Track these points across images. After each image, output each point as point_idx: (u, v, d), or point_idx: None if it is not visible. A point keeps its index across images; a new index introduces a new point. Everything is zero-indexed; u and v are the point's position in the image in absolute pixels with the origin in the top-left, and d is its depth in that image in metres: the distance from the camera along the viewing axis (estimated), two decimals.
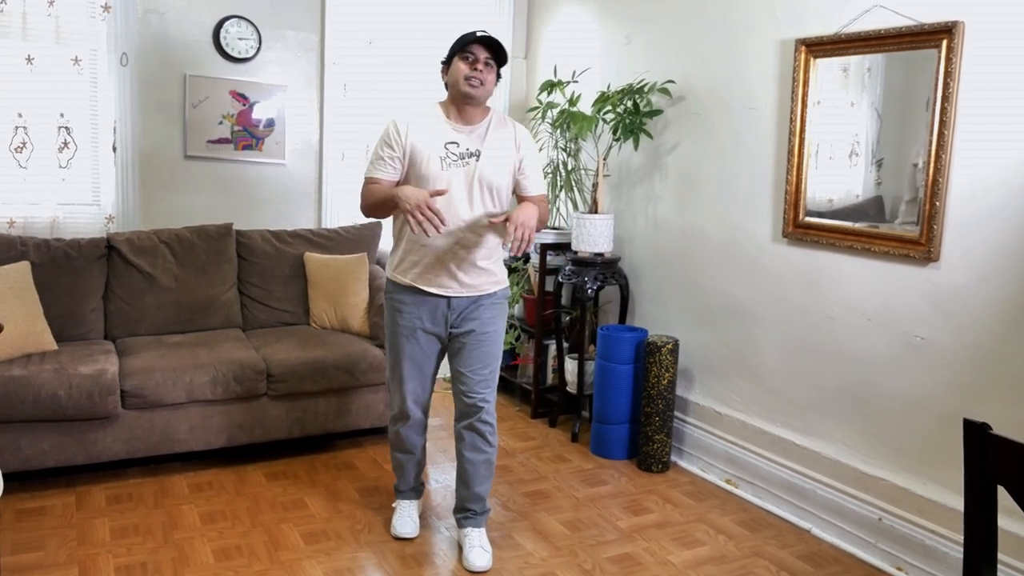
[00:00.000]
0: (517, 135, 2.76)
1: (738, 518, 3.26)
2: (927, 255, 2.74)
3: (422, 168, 2.64)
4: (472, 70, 2.61)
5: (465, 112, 2.69)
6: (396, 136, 2.67)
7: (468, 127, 2.70)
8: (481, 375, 2.78)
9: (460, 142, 2.67)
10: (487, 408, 2.80)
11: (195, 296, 3.83)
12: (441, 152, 2.65)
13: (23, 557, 2.72)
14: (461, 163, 2.66)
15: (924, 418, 2.81)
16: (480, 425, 2.81)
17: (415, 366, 2.81)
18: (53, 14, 3.71)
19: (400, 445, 2.97)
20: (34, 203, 3.80)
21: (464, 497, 2.90)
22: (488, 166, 2.68)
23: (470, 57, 2.62)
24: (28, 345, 3.31)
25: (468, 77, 2.61)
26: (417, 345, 2.78)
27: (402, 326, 2.77)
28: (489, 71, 2.64)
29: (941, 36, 2.65)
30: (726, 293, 3.58)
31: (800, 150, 3.18)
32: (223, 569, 2.71)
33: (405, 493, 3.06)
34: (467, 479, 2.86)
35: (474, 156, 2.67)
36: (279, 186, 4.41)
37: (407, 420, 2.89)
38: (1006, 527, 2.45)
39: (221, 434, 3.43)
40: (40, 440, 3.13)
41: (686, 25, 3.74)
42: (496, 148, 2.70)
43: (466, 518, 2.90)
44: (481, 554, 2.80)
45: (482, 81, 2.62)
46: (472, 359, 2.77)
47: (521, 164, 2.76)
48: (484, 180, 2.67)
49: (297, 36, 4.34)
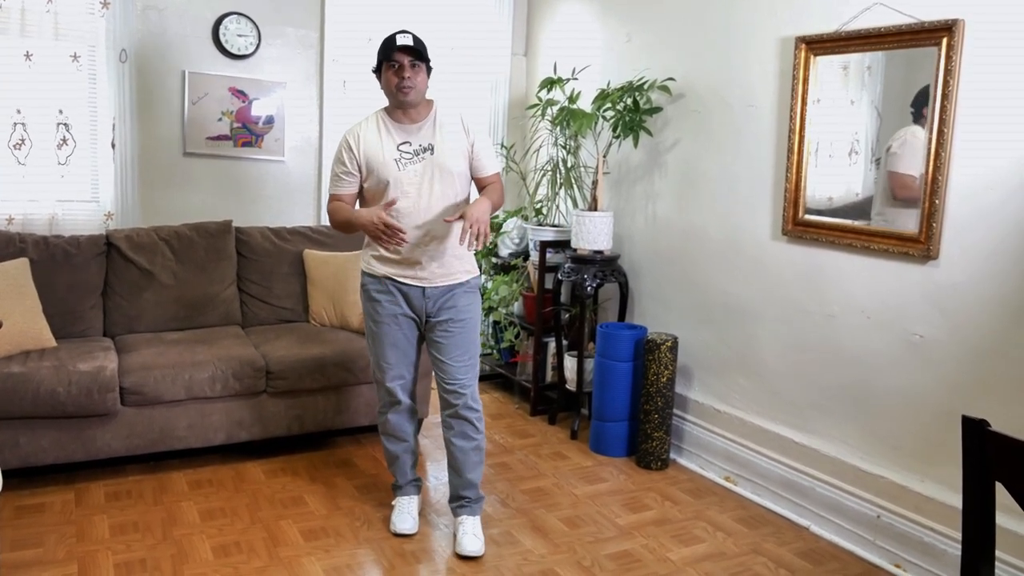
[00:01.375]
0: (464, 121, 2.84)
1: (737, 515, 3.26)
2: (926, 253, 2.74)
3: (381, 174, 2.76)
4: (400, 79, 2.70)
5: (409, 113, 2.79)
6: (348, 153, 2.80)
7: (415, 124, 2.80)
8: (461, 361, 2.86)
9: (411, 140, 2.78)
10: (470, 393, 2.87)
11: (194, 293, 3.83)
12: (395, 155, 2.76)
13: (22, 554, 2.72)
14: (417, 159, 2.77)
15: (923, 415, 2.81)
16: (466, 412, 2.87)
17: (398, 351, 2.88)
18: (52, 10, 3.70)
19: (392, 433, 3.00)
20: (33, 200, 3.80)
21: (457, 485, 2.95)
22: (443, 156, 2.78)
23: (395, 65, 2.71)
24: (27, 342, 3.31)
25: (399, 86, 2.71)
26: (398, 330, 2.86)
27: (381, 313, 2.85)
28: (417, 72, 2.72)
29: (941, 34, 2.65)
30: (725, 291, 3.58)
31: (800, 148, 3.18)
32: (222, 566, 2.71)
33: (403, 488, 3.07)
34: (458, 467, 2.92)
35: (428, 150, 2.78)
36: (278, 183, 4.41)
37: (397, 405, 2.94)
38: (1004, 524, 2.45)
39: (220, 431, 3.43)
40: (39, 437, 3.13)
41: (686, 23, 3.74)
42: (446, 138, 2.80)
43: (461, 506, 2.95)
44: (473, 540, 2.86)
45: (412, 86, 2.72)
46: (452, 347, 2.85)
47: (473, 147, 2.84)
48: (443, 170, 2.78)
49: (296, 33, 4.34)
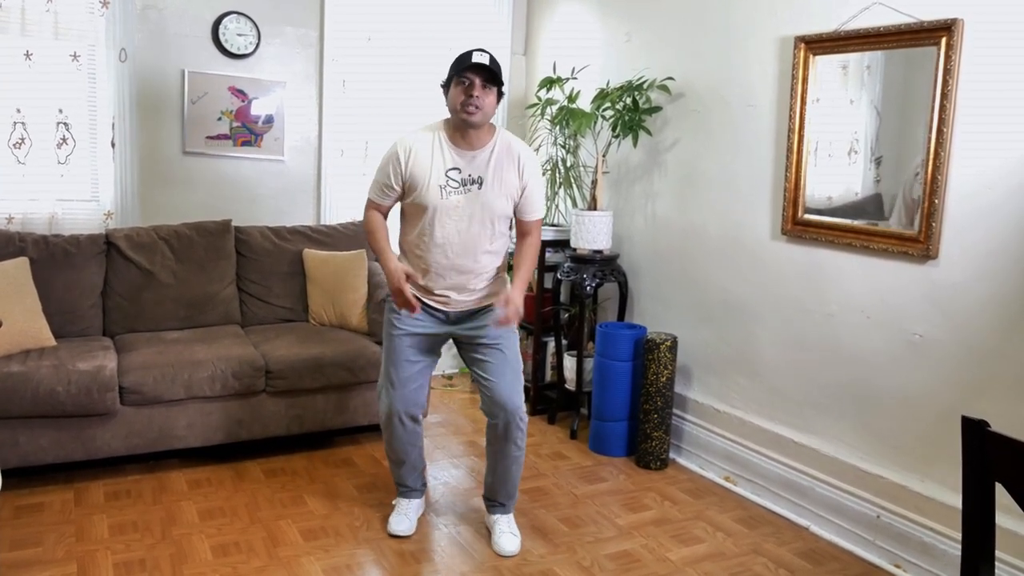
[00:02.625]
0: (522, 161, 2.73)
1: (736, 515, 3.26)
2: (926, 253, 2.74)
3: (422, 196, 2.67)
4: (468, 96, 2.58)
5: (468, 135, 2.67)
6: (396, 166, 2.70)
7: (471, 152, 2.68)
8: (503, 377, 2.79)
9: (462, 168, 2.68)
10: (521, 412, 2.81)
11: (194, 292, 3.83)
12: (442, 180, 2.67)
13: (21, 553, 2.72)
14: (463, 190, 2.67)
15: (922, 415, 2.81)
16: (515, 431, 2.81)
17: (404, 370, 2.83)
18: (52, 10, 3.70)
19: (391, 451, 2.98)
20: (33, 199, 3.80)
21: (495, 491, 2.96)
22: (490, 194, 2.69)
23: (466, 82, 2.59)
24: (27, 341, 3.30)
25: (465, 104, 2.59)
26: (409, 350, 2.82)
27: (398, 327, 2.80)
28: (487, 93, 2.61)
29: (940, 34, 2.65)
30: (725, 290, 3.58)
31: (799, 147, 3.18)
32: (221, 565, 2.71)
33: (405, 491, 3.07)
34: (499, 476, 2.91)
35: (476, 183, 2.68)
36: (278, 182, 4.41)
37: (392, 427, 2.88)
38: (1004, 524, 2.45)
39: (220, 430, 3.43)
40: (38, 436, 3.13)
41: (686, 22, 3.74)
42: (499, 174, 2.69)
43: (495, 507, 2.99)
44: (511, 539, 2.90)
45: (479, 107, 2.59)
46: (493, 366, 2.79)
47: (524, 192, 2.75)
48: (486, 207, 2.69)
49: (296, 32, 4.33)
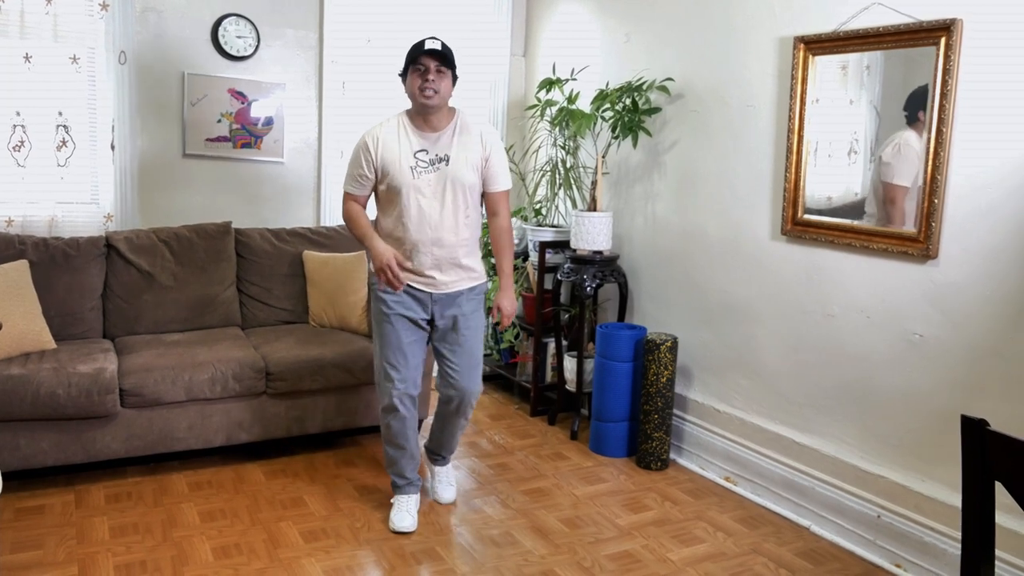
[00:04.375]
0: (483, 134, 2.92)
1: (737, 515, 3.26)
2: (925, 253, 2.74)
3: (395, 179, 2.83)
4: (424, 81, 2.76)
5: (430, 119, 2.85)
6: (366, 154, 2.87)
7: (435, 133, 2.86)
8: (468, 366, 3.00)
9: (428, 149, 2.85)
10: (473, 396, 3.04)
11: (194, 294, 3.83)
12: (411, 162, 2.83)
13: (22, 556, 2.72)
14: (432, 168, 2.84)
15: (923, 415, 2.81)
16: (467, 408, 3.08)
17: (404, 354, 2.93)
18: (51, 12, 3.71)
19: (392, 439, 3.03)
20: (32, 202, 3.80)
21: (440, 446, 3.24)
22: (457, 168, 2.85)
23: (421, 68, 2.77)
24: (27, 344, 3.31)
25: (422, 89, 2.76)
26: (405, 332, 2.93)
27: (388, 314, 2.92)
28: (442, 77, 2.78)
29: (939, 34, 2.65)
30: (725, 291, 3.58)
31: (799, 148, 3.18)
32: (222, 567, 2.71)
33: (402, 488, 3.10)
34: (444, 437, 3.20)
35: (443, 161, 2.85)
36: (278, 184, 4.41)
37: (396, 412, 2.96)
38: (1004, 524, 2.45)
39: (220, 432, 3.43)
40: (39, 439, 3.13)
41: (685, 23, 3.74)
42: (463, 150, 2.87)
43: (437, 460, 3.29)
44: (448, 487, 3.27)
45: (436, 90, 2.77)
46: (459, 354, 2.98)
47: (487, 160, 2.91)
48: (456, 182, 2.85)
49: (296, 34, 4.34)
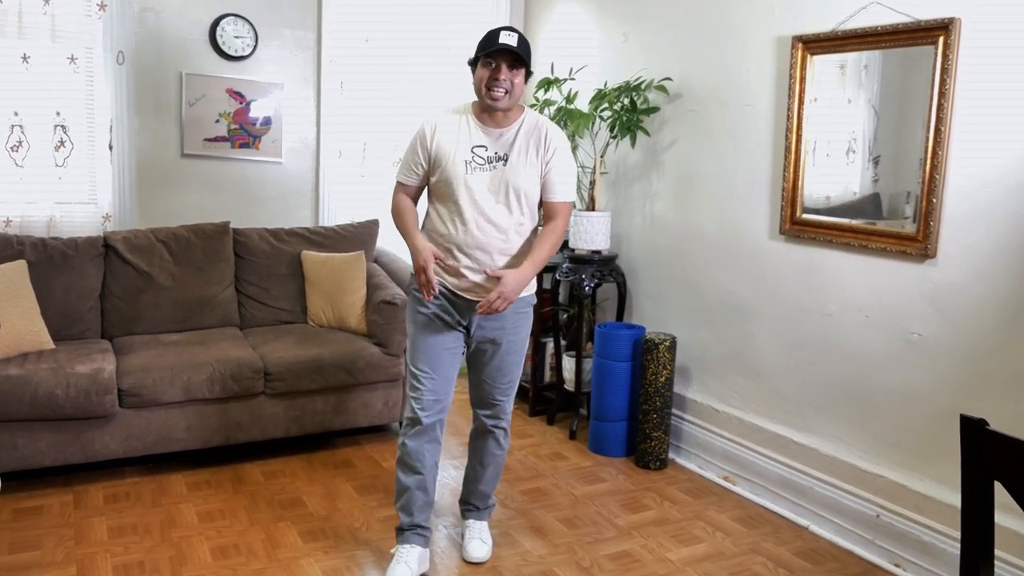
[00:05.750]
0: (548, 137, 2.62)
1: (736, 515, 3.26)
2: (924, 252, 2.74)
3: (447, 171, 2.57)
4: (494, 80, 2.49)
5: (495, 115, 2.58)
6: (422, 141, 2.62)
7: (498, 130, 2.59)
8: (503, 385, 2.74)
9: (488, 145, 2.59)
10: (505, 417, 2.79)
11: (192, 295, 3.83)
12: (467, 156, 2.57)
13: (20, 556, 2.72)
14: (488, 167, 2.57)
15: (921, 414, 2.81)
16: (497, 431, 2.80)
17: (435, 361, 2.64)
18: (49, 12, 3.70)
19: (406, 460, 2.69)
20: (31, 202, 3.80)
21: (470, 492, 2.90)
22: (515, 171, 2.58)
23: (492, 65, 2.50)
24: (25, 344, 3.30)
25: (490, 88, 2.50)
26: (438, 338, 2.64)
27: (423, 314, 2.64)
28: (514, 76, 2.51)
29: (937, 33, 2.65)
30: (723, 290, 3.58)
31: (797, 147, 3.18)
32: (221, 568, 2.71)
33: (406, 535, 2.73)
34: (476, 477, 2.87)
35: (502, 160, 2.58)
36: (276, 184, 4.40)
37: (419, 426, 2.65)
38: (1003, 523, 2.45)
39: (219, 433, 3.42)
40: (37, 439, 3.12)
41: (683, 22, 3.74)
42: (524, 152, 2.59)
43: (468, 510, 2.92)
44: (480, 545, 2.85)
45: (507, 90, 2.50)
46: (495, 371, 2.72)
47: (548, 164, 2.61)
48: (510, 185, 2.57)
49: (294, 34, 4.33)
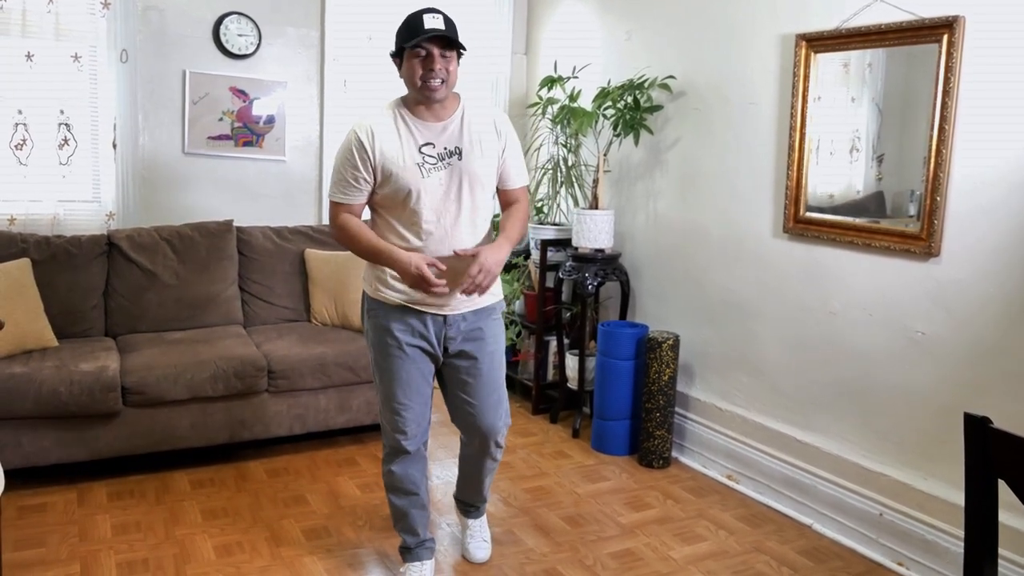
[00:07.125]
0: (496, 121, 2.45)
1: (739, 513, 3.26)
2: (928, 250, 2.74)
3: (400, 180, 2.33)
4: (428, 71, 2.27)
5: (433, 108, 2.36)
6: (361, 152, 2.34)
7: (440, 123, 2.37)
8: (491, 401, 2.53)
9: (435, 142, 2.36)
10: (501, 436, 2.59)
11: (196, 293, 3.83)
12: (417, 158, 2.34)
13: (25, 554, 2.72)
14: (442, 164, 2.36)
15: (925, 413, 2.81)
16: (495, 450, 2.62)
17: (413, 390, 2.46)
18: (53, 11, 3.71)
19: (399, 486, 2.56)
20: (35, 200, 3.80)
21: (468, 495, 2.82)
22: (472, 162, 2.39)
23: (422, 53, 2.27)
24: (29, 342, 3.31)
25: (425, 79, 2.27)
26: (413, 365, 2.44)
27: (392, 345, 2.43)
28: (448, 62, 2.29)
29: (942, 31, 2.65)
30: (727, 289, 3.58)
31: (801, 145, 3.17)
32: (224, 565, 2.71)
33: (413, 551, 2.63)
34: (472, 483, 2.76)
35: (455, 154, 2.37)
36: (279, 183, 4.41)
37: (405, 455, 2.52)
38: (1007, 522, 2.45)
39: (222, 430, 3.43)
40: (41, 437, 3.13)
41: (686, 20, 3.73)
42: (476, 140, 2.40)
43: (468, 510, 2.86)
44: (482, 545, 2.83)
45: (443, 78, 2.29)
46: (480, 386, 2.50)
47: (503, 152, 2.45)
48: (471, 177, 2.38)
49: (297, 32, 4.34)
